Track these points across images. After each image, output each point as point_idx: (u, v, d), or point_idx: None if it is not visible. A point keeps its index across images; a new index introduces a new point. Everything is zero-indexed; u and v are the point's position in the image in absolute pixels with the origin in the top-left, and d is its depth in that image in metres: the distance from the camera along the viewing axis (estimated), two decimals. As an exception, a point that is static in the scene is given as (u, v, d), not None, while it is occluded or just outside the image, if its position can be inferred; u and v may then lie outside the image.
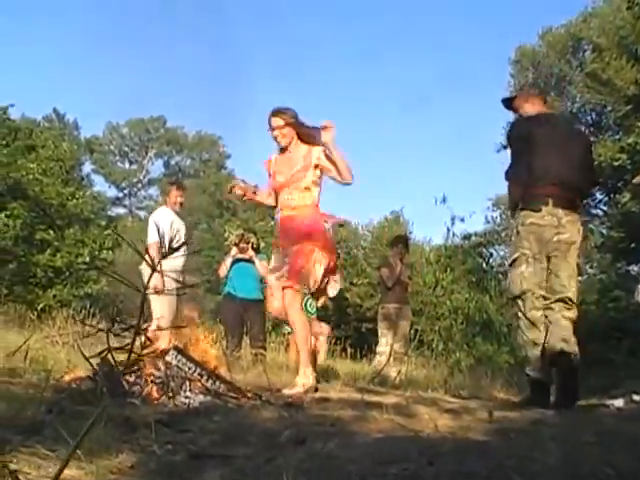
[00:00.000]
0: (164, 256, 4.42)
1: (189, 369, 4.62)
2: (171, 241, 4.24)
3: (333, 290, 6.75)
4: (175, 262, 8.99)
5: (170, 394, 4.38)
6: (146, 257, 8.73)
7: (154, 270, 4.33)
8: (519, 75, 30.26)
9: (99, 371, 4.44)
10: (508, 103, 6.83)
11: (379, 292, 13.32)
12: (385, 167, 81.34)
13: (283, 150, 6.51)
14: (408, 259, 12.58)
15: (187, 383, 4.50)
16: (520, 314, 6.04)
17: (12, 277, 23.26)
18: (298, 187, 6.32)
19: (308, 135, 6.37)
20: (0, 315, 10.41)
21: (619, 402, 6.34)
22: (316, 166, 6.31)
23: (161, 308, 8.95)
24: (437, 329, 19.83)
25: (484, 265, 22.12)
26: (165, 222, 9.37)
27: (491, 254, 23.04)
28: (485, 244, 22.77)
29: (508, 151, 6.48)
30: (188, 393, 4.43)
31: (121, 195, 61.54)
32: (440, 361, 15.69)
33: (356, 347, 16.25)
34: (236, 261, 10.94)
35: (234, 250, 10.98)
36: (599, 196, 26.09)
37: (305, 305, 11.34)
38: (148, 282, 4.36)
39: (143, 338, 4.53)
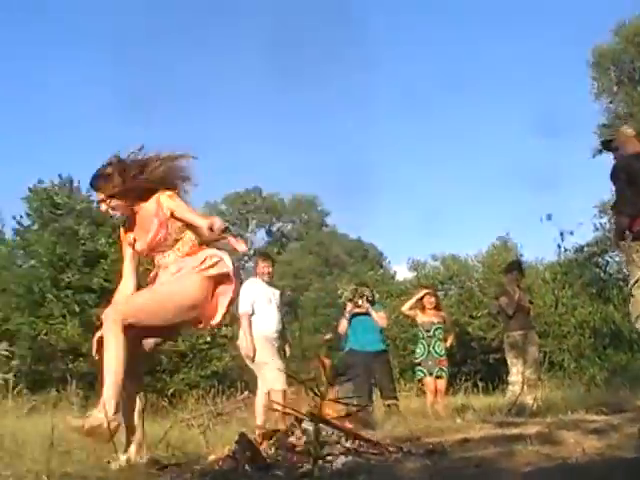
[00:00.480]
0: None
1: (327, 432, 4.62)
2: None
3: None
4: (266, 329, 9.24)
5: (312, 460, 4.38)
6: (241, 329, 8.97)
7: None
8: (602, 77, 29.65)
9: (239, 448, 4.48)
10: (607, 145, 7.25)
11: (501, 321, 13.16)
12: (483, 193, 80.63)
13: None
14: (524, 283, 12.40)
15: (327, 447, 4.50)
16: None
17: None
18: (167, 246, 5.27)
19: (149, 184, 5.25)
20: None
21: None
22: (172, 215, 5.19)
23: (270, 374, 9.10)
24: (566, 347, 19.45)
25: (602, 275, 21.67)
26: (253, 292, 9.57)
27: (607, 262, 22.52)
28: (599, 253, 22.31)
29: (612, 187, 6.85)
30: (330, 457, 4.43)
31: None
32: (574, 379, 15.39)
33: (487, 380, 16.05)
34: (354, 316, 10.95)
35: (349, 305, 11.02)
36: None
37: (433, 347, 11.36)
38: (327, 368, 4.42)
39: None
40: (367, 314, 10.89)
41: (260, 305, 9.43)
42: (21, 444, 5.07)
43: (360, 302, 10.92)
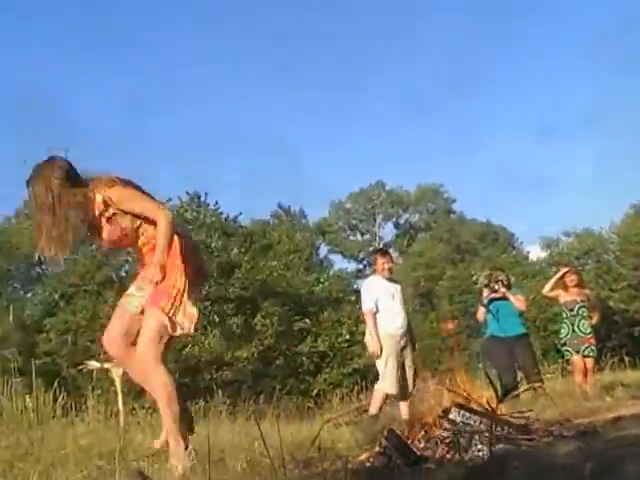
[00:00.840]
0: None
1: (474, 422, 4.59)
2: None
3: None
4: (391, 326, 9.09)
5: (463, 451, 4.37)
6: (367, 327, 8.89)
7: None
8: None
9: (390, 444, 4.50)
10: None
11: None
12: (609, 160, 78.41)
13: None
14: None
15: (476, 436, 4.47)
16: None
17: (282, 371, 24.08)
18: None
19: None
20: (279, 410, 10.80)
21: None
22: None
23: (385, 373, 9.03)
24: None
25: None
26: (375, 290, 9.43)
27: None
28: None
29: None
30: (480, 446, 4.40)
31: (361, 267, 62.48)
32: None
33: (633, 354, 15.68)
34: (491, 301, 10.84)
35: (486, 291, 10.90)
36: None
37: (578, 325, 11.10)
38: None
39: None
40: (505, 299, 10.76)
41: (383, 302, 9.25)
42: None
43: (496, 287, 10.80)
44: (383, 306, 9.19)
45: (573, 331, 11.15)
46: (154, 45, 79.59)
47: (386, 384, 8.90)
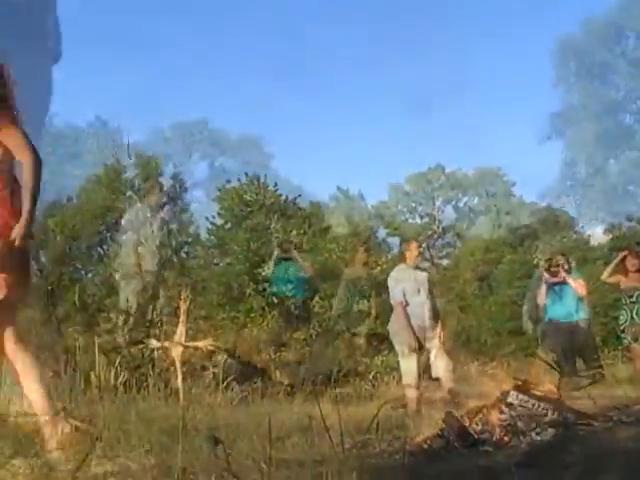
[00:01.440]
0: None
1: (532, 405, 4.60)
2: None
3: None
4: (415, 318, 8.96)
5: (520, 435, 4.38)
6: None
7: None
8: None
9: (447, 426, 4.53)
10: None
11: None
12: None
13: None
14: None
15: (534, 420, 4.48)
16: None
17: (340, 353, 24.13)
18: None
19: None
20: (336, 391, 10.85)
21: None
22: None
23: (404, 365, 9.02)
24: None
25: None
26: (402, 280, 9.35)
27: None
28: None
29: None
30: (538, 429, 4.41)
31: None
32: None
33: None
34: (551, 286, 10.77)
35: (546, 275, 10.84)
36: None
37: (637, 312, 10.93)
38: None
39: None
40: (565, 283, 10.69)
41: (409, 295, 9.11)
42: (236, 433, 5.28)
43: (557, 271, 10.73)
44: (408, 299, 9.07)
45: (632, 318, 10.98)
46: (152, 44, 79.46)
47: (409, 379, 8.90)
